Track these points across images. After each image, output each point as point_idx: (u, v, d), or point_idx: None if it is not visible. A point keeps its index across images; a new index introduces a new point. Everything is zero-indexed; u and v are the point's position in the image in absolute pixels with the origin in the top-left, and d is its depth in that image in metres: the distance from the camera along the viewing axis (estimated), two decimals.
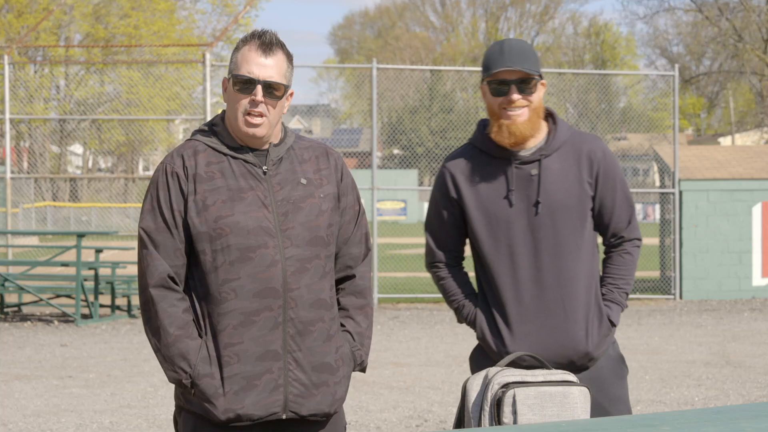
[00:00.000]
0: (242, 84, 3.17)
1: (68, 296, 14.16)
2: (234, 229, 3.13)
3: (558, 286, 3.60)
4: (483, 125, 3.70)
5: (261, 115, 3.17)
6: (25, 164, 25.24)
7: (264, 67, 3.16)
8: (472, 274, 3.80)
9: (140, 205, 3.19)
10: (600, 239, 3.77)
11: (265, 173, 3.20)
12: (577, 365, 3.62)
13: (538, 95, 3.60)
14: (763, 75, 40.36)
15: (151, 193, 3.18)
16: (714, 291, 16.25)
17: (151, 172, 54.42)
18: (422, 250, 3.99)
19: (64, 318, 14.01)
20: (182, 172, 3.17)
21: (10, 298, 15.37)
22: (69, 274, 14.20)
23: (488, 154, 3.65)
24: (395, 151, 47.84)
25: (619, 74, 39.65)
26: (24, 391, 8.81)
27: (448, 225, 3.71)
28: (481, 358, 3.70)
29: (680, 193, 16.16)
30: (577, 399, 3.42)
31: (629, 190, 3.74)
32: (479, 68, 4.01)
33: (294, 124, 71.96)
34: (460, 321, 3.74)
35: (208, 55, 15.23)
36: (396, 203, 48.24)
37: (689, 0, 41.63)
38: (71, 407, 8.15)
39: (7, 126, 16.23)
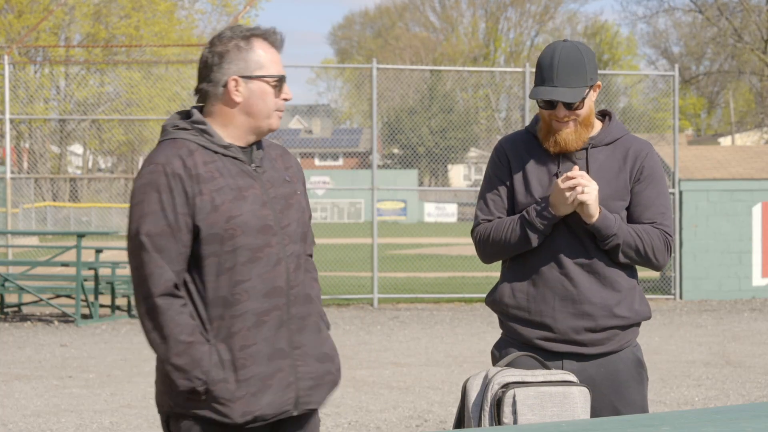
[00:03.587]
0: (278, 83, 3.20)
1: (68, 296, 14.15)
2: (244, 229, 3.10)
3: (591, 269, 3.63)
4: (537, 118, 3.76)
5: None
6: (25, 164, 25.26)
7: (282, 65, 3.24)
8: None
9: None
10: None
11: (256, 171, 3.20)
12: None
13: (587, 105, 3.62)
14: (763, 75, 40.37)
15: (149, 196, 3.06)
16: (714, 291, 16.25)
17: None
18: (422, 251, 3.99)
19: (64, 318, 14.01)
20: (184, 173, 3.09)
21: (10, 298, 15.37)
22: (69, 274, 14.20)
23: (539, 140, 3.71)
24: (395, 151, 47.84)
25: (619, 74, 39.73)
26: (24, 391, 8.81)
27: (499, 196, 3.74)
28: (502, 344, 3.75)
29: (680, 193, 16.16)
30: (577, 399, 3.42)
31: (668, 198, 3.75)
32: (479, 68, 4.04)
33: (294, 124, 72.03)
34: (532, 230, 3.62)
35: None
36: (396, 203, 48.25)
37: (689, 0, 41.65)
38: (71, 407, 8.15)
39: (7, 126, 16.24)
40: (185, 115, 3.22)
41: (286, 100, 3.22)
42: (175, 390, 3.12)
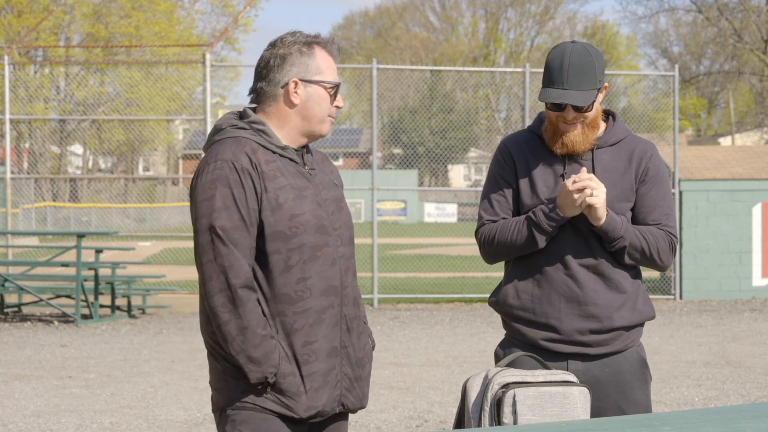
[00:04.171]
0: (334, 90, 3.29)
1: (68, 296, 14.16)
2: (306, 228, 3.18)
3: (596, 271, 3.63)
4: (541, 119, 3.75)
5: None
6: (25, 165, 25.25)
7: (337, 73, 3.35)
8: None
9: (140, 205, 3.14)
10: None
11: (310, 173, 3.28)
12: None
13: (595, 107, 3.62)
14: (763, 75, 40.37)
15: (220, 191, 3.13)
16: (714, 291, 16.25)
17: (151, 172, 54.13)
18: (422, 251, 3.97)
19: (64, 318, 14.01)
20: (252, 169, 3.15)
21: (10, 299, 15.37)
22: (69, 275, 14.20)
23: (543, 140, 3.71)
24: (395, 151, 47.85)
25: (620, 74, 39.74)
26: (24, 391, 8.81)
27: (504, 196, 3.72)
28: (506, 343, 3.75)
29: (680, 193, 16.17)
30: (577, 399, 3.42)
31: (672, 199, 3.76)
32: (479, 68, 4.01)
33: None
34: (539, 231, 3.60)
35: (208, 56, 15.23)
36: (396, 203, 48.23)
37: (689, 0, 41.65)
38: (71, 407, 8.15)
39: (7, 126, 16.23)
40: (239, 115, 3.29)
41: (338, 107, 3.31)
42: (234, 385, 3.17)
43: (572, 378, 3.49)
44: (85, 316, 13.77)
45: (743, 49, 38.91)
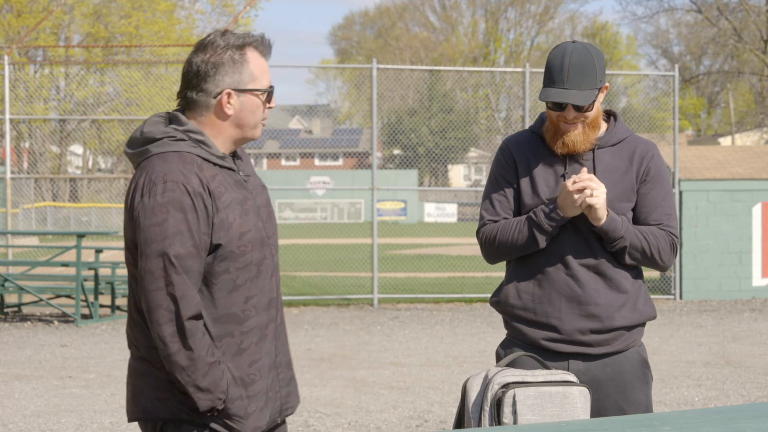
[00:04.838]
0: (269, 95, 3.16)
1: (68, 296, 14.15)
2: (253, 244, 3.07)
3: (597, 271, 3.63)
4: (543, 119, 3.76)
5: None
6: (25, 164, 25.25)
7: (269, 73, 3.19)
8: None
9: None
10: None
11: (245, 181, 3.15)
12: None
13: (596, 106, 3.63)
14: (762, 75, 40.37)
15: (173, 216, 2.96)
16: (714, 291, 16.25)
17: None
18: (422, 251, 3.97)
19: (64, 318, 14.01)
20: (204, 192, 2.99)
21: (10, 299, 15.37)
22: (69, 275, 14.19)
23: (545, 140, 3.72)
24: (395, 152, 47.88)
25: (620, 74, 39.75)
26: (24, 391, 8.81)
27: (505, 196, 3.73)
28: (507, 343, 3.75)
29: (680, 193, 16.16)
30: (577, 399, 3.42)
31: (673, 199, 3.77)
32: (479, 68, 4.00)
33: (294, 124, 72.02)
34: (539, 231, 3.62)
35: None
36: (396, 203, 48.23)
37: (689, 0, 41.65)
38: (71, 407, 8.15)
39: (7, 126, 16.23)
40: (168, 119, 3.12)
41: (270, 108, 3.18)
42: (181, 399, 3.06)
43: (572, 378, 3.49)
44: (85, 316, 13.77)
45: (743, 49, 38.93)
